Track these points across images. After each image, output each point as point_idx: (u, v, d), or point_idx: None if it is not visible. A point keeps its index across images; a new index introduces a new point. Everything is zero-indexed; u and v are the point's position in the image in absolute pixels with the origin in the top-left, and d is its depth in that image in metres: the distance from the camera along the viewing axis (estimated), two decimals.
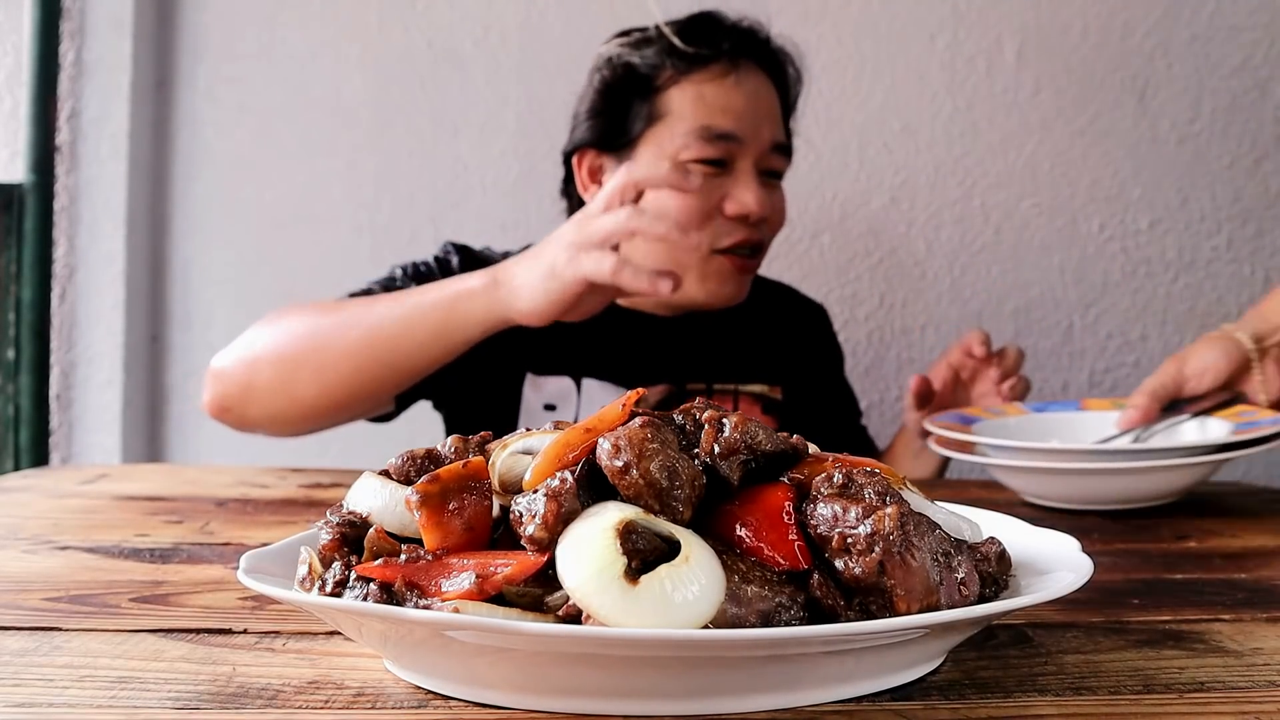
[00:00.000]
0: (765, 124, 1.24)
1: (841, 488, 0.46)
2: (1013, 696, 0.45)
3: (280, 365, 1.12)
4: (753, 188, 1.21)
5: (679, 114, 1.22)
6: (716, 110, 1.22)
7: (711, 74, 1.23)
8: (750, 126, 1.23)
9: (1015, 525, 0.58)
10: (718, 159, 1.21)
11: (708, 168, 1.21)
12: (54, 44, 1.72)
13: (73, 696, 0.44)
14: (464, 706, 0.44)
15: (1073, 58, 1.82)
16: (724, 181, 1.22)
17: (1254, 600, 0.63)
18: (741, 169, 1.22)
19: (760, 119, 1.24)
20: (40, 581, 0.65)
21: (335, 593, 0.46)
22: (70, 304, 1.75)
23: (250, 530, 0.83)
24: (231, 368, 1.15)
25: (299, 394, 1.13)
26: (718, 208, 1.22)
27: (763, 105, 1.25)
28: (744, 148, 1.22)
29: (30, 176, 1.71)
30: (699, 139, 1.21)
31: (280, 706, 0.44)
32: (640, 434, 0.45)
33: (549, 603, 0.43)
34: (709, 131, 1.21)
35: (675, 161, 1.22)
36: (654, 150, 1.23)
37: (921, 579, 0.43)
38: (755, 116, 1.24)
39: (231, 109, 1.81)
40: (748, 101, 1.24)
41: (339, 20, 1.81)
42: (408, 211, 1.81)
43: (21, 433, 1.72)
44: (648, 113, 1.24)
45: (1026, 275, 1.84)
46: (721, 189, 1.22)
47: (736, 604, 0.42)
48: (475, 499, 0.47)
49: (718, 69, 1.23)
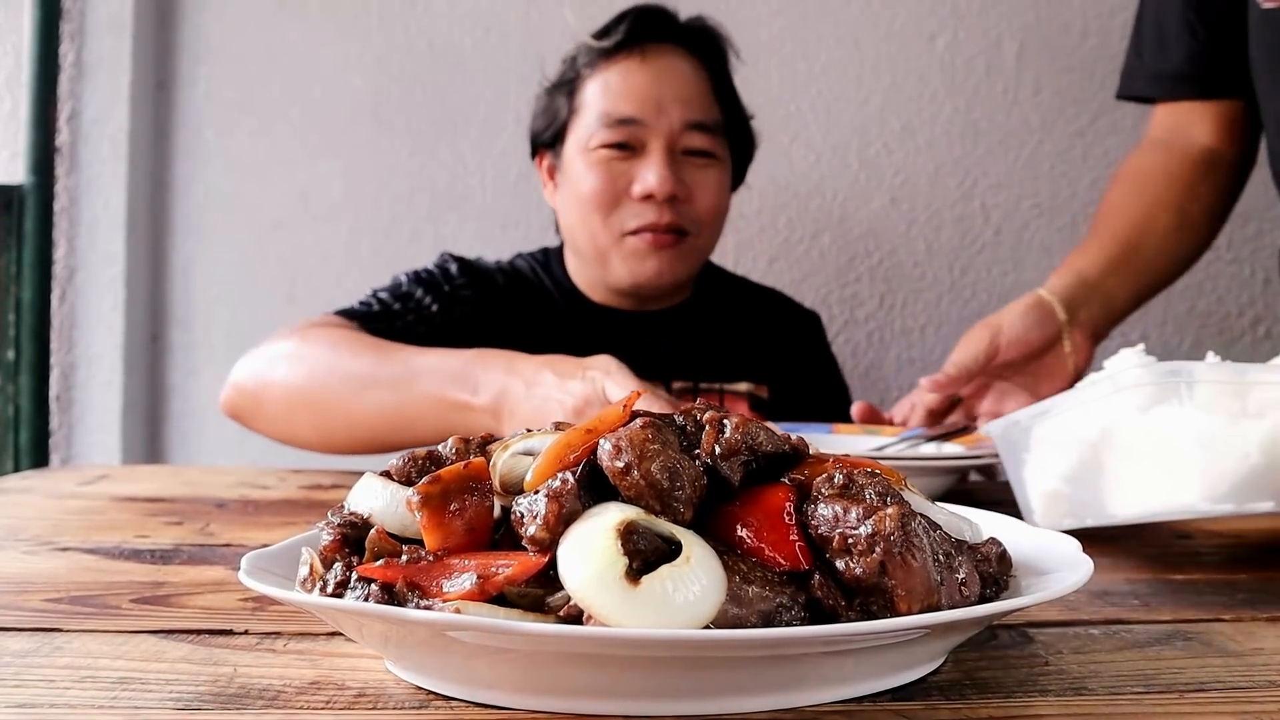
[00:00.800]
0: (674, 104, 1.26)
1: (842, 488, 0.46)
2: (1013, 697, 0.45)
3: (286, 401, 1.15)
4: (655, 167, 1.24)
5: (589, 104, 1.28)
6: (618, 96, 1.26)
7: (617, 62, 1.27)
8: (654, 108, 1.25)
9: (1016, 526, 0.58)
10: (623, 143, 1.25)
11: (616, 151, 1.25)
12: (54, 44, 1.72)
13: (74, 697, 0.44)
14: (465, 707, 0.44)
15: (1073, 58, 1.82)
16: (633, 164, 1.25)
17: (1254, 600, 0.63)
18: (651, 149, 1.25)
19: (668, 99, 1.26)
20: (41, 582, 0.65)
21: (336, 593, 0.46)
22: (70, 305, 1.75)
23: (251, 531, 0.83)
24: (247, 383, 1.18)
25: (299, 434, 1.17)
26: (625, 191, 1.25)
27: (673, 84, 1.27)
28: (649, 129, 1.25)
29: (30, 177, 1.71)
30: (603, 125, 1.25)
31: (281, 707, 0.44)
32: (641, 435, 0.45)
33: (550, 603, 0.43)
34: (610, 117, 1.25)
35: (585, 149, 1.27)
36: (574, 141, 1.29)
37: (922, 579, 0.43)
38: (660, 97, 1.26)
39: (231, 109, 1.81)
40: (652, 83, 1.26)
41: (339, 20, 1.81)
42: (408, 211, 1.81)
43: (21, 433, 1.72)
44: (569, 106, 1.30)
45: (1026, 275, 1.84)
46: (629, 172, 1.25)
47: (737, 604, 0.42)
48: (476, 500, 0.47)
49: (623, 56, 1.27)
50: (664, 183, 1.23)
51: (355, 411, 1.11)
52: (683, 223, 1.27)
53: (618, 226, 1.26)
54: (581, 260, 1.35)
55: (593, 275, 1.35)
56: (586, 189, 1.26)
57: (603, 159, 1.26)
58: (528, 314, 1.35)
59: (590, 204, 1.26)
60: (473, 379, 1.03)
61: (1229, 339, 1.85)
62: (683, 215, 1.26)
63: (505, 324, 1.30)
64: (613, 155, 1.26)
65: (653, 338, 1.35)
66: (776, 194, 1.82)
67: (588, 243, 1.30)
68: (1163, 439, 0.67)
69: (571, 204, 1.30)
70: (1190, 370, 0.68)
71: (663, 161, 1.24)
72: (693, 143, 1.27)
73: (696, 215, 1.28)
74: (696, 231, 1.29)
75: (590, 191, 1.26)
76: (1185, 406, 0.67)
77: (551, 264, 1.41)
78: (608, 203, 1.26)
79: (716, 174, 1.30)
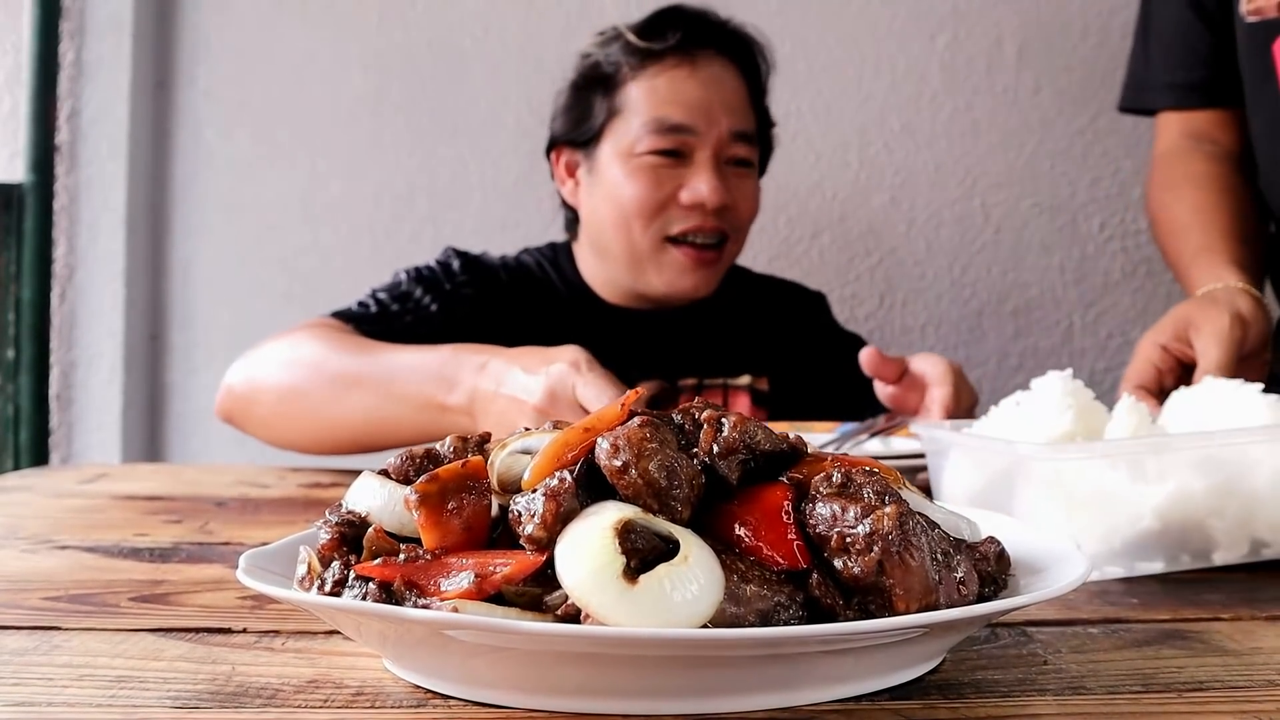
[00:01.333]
0: (723, 113, 1.26)
1: (840, 487, 0.46)
2: (1011, 696, 0.45)
3: (273, 405, 1.16)
4: (707, 176, 1.24)
5: (634, 108, 1.26)
6: (669, 102, 1.25)
7: (666, 66, 1.26)
8: (704, 117, 1.25)
9: (1014, 525, 0.58)
10: (672, 150, 1.24)
11: (663, 159, 1.24)
12: (54, 44, 1.72)
13: (72, 695, 0.44)
14: (463, 706, 0.44)
15: (1073, 58, 1.82)
16: (681, 172, 1.25)
17: (1254, 600, 0.63)
18: (699, 159, 1.25)
19: (717, 108, 1.26)
20: (40, 581, 0.65)
21: (334, 592, 0.46)
22: (70, 304, 1.75)
23: (250, 530, 0.83)
24: (239, 387, 1.19)
25: (286, 436, 1.18)
26: (673, 197, 1.25)
27: (721, 94, 1.27)
28: (700, 138, 1.25)
29: (30, 176, 1.71)
30: (651, 131, 1.24)
31: (279, 705, 0.44)
32: (639, 434, 0.45)
33: (548, 602, 0.43)
34: (661, 124, 1.24)
35: (630, 154, 1.25)
36: (613, 144, 1.27)
37: (920, 578, 0.43)
38: (711, 106, 1.25)
39: (231, 109, 1.81)
40: (703, 91, 1.25)
41: (339, 20, 1.81)
42: (408, 211, 1.81)
43: (21, 433, 1.72)
44: (608, 108, 1.28)
45: (1026, 275, 1.84)
46: (678, 179, 1.25)
47: (735, 603, 0.42)
48: (474, 498, 0.47)
49: (672, 61, 1.26)
50: (715, 192, 1.23)
51: (337, 414, 1.11)
52: (726, 229, 1.27)
53: (660, 232, 1.26)
54: (606, 262, 1.33)
55: (615, 277, 1.34)
56: (630, 194, 1.25)
57: (649, 165, 1.24)
58: (532, 311, 1.34)
59: (633, 210, 1.25)
60: (448, 378, 1.03)
61: None
62: (727, 222, 1.27)
63: (508, 322, 1.29)
64: (660, 162, 1.25)
65: (661, 337, 1.35)
66: (777, 194, 1.82)
67: (624, 248, 1.28)
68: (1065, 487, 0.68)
69: (606, 207, 1.29)
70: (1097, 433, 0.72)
71: (714, 171, 1.24)
72: (737, 152, 1.28)
73: (738, 222, 1.30)
74: (734, 239, 1.30)
75: (634, 198, 1.24)
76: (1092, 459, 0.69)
77: (560, 260, 1.40)
78: (654, 209, 1.25)
79: (753, 182, 1.32)
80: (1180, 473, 0.68)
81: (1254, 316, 1.02)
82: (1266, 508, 0.70)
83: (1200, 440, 0.71)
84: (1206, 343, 0.97)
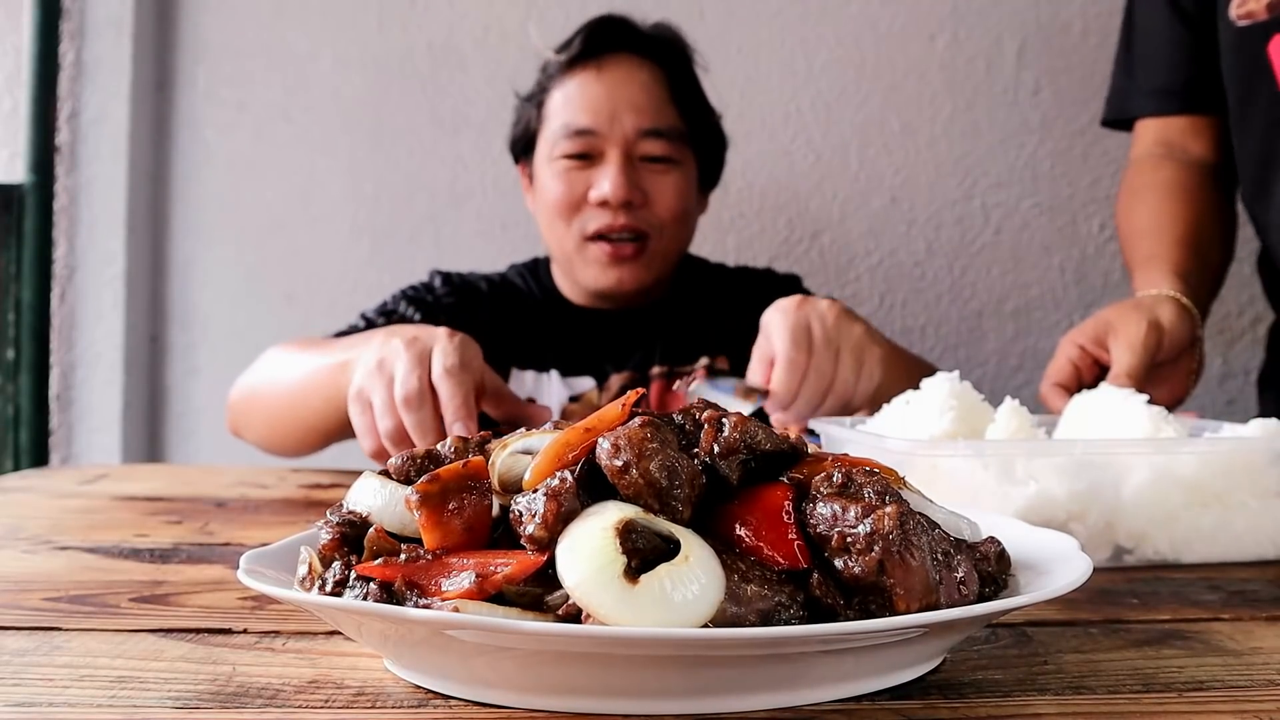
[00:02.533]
0: (628, 112, 1.30)
1: (841, 487, 0.46)
2: (1012, 696, 0.45)
3: (249, 408, 1.24)
4: (611, 175, 1.28)
5: (553, 115, 1.33)
6: (576, 107, 1.31)
7: (575, 74, 1.32)
8: (607, 118, 1.30)
9: (1015, 525, 0.58)
10: (582, 153, 1.30)
11: (575, 161, 1.30)
12: (54, 44, 1.72)
13: (73, 696, 0.44)
14: (464, 706, 0.44)
15: (1073, 58, 1.82)
16: (591, 172, 1.30)
17: (1254, 600, 0.63)
18: (609, 159, 1.29)
19: (622, 108, 1.30)
20: (40, 581, 0.65)
21: (335, 592, 0.46)
22: (70, 304, 1.75)
23: (250, 530, 0.83)
24: (234, 400, 1.27)
25: (255, 435, 1.26)
26: (584, 197, 1.30)
27: (629, 93, 1.31)
28: (604, 139, 1.30)
29: (30, 177, 1.71)
30: (563, 136, 1.31)
31: (280, 706, 0.44)
32: (640, 434, 0.45)
33: (549, 602, 0.43)
34: (568, 129, 1.31)
35: (550, 159, 1.32)
36: (541, 150, 1.35)
37: (921, 578, 0.43)
38: (615, 107, 1.30)
39: (231, 109, 1.81)
40: (607, 95, 1.30)
41: (339, 20, 1.81)
42: (408, 211, 1.81)
43: (21, 433, 1.72)
44: (538, 118, 1.36)
45: (1026, 275, 1.84)
46: (588, 179, 1.30)
47: (736, 603, 0.42)
48: (475, 498, 0.47)
49: (580, 68, 1.32)
50: (618, 189, 1.28)
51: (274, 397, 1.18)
52: (641, 226, 1.31)
53: (579, 231, 1.32)
54: (557, 264, 1.41)
55: (567, 278, 1.41)
56: (551, 197, 1.32)
57: (564, 168, 1.31)
58: (509, 318, 1.40)
59: (554, 211, 1.32)
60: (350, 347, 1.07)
61: (1229, 339, 1.85)
62: (641, 219, 1.31)
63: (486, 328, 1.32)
64: (573, 165, 1.31)
65: (632, 332, 1.39)
66: (777, 194, 1.82)
67: (556, 248, 1.37)
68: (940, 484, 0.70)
69: (541, 210, 1.37)
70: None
71: (618, 169, 1.28)
72: (650, 149, 1.31)
73: (656, 219, 1.32)
74: (657, 235, 1.33)
75: (553, 199, 1.32)
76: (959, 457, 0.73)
77: (539, 271, 1.46)
78: (569, 209, 1.31)
79: (676, 179, 1.34)
80: (1045, 476, 0.71)
81: (1173, 324, 1.03)
82: (1128, 516, 0.72)
83: (1063, 446, 0.74)
84: (1120, 349, 0.99)
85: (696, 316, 1.42)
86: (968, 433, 0.78)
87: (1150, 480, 0.72)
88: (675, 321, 1.41)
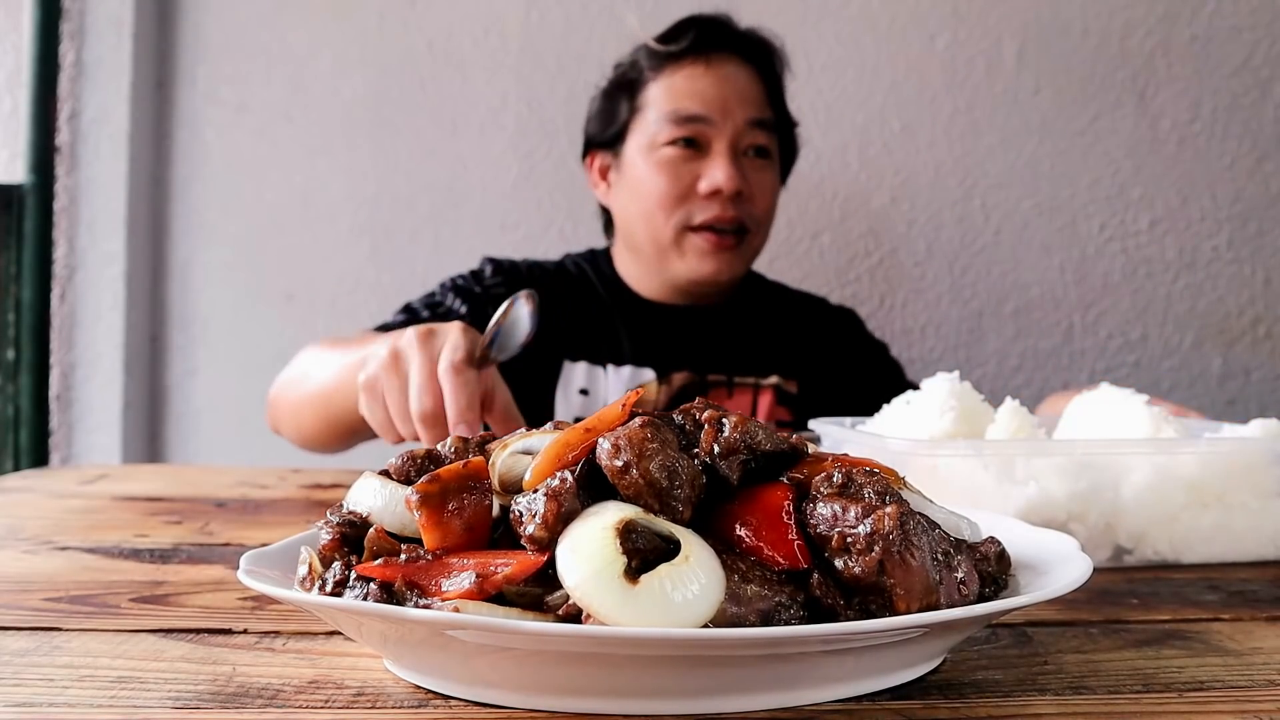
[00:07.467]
0: (738, 104, 1.32)
1: (841, 487, 0.46)
2: (1012, 696, 0.45)
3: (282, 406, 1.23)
4: (724, 165, 1.29)
5: (654, 104, 1.33)
6: (684, 96, 1.31)
7: (683, 66, 1.33)
8: (719, 107, 1.31)
9: (1015, 525, 0.58)
10: (689, 138, 1.31)
11: (682, 150, 1.30)
12: (54, 44, 1.72)
13: (73, 696, 0.44)
14: (464, 706, 0.44)
15: (1073, 58, 1.82)
16: (699, 163, 1.31)
17: (1254, 600, 0.63)
18: (717, 149, 1.31)
19: (732, 100, 1.32)
20: (40, 582, 0.65)
21: (335, 592, 0.46)
22: (70, 304, 1.75)
23: (250, 530, 0.83)
24: (271, 398, 1.27)
25: (289, 433, 1.25)
26: (691, 188, 1.30)
27: (736, 87, 1.32)
28: (715, 128, 1.31)
29: (30, 177, 1.71)
30: (669, 122, 1.31)
31: (280, 706, 0.44)
32: (640, 434, 0.45)
33: (549, 602, 0.43)
34: (677, 115, 1.31)
35: (650, 147, 1.32)
36: (636, 140, 1.34)
37: (921, 578, 0.43)
38: (725, 98, 1.31)
39: (231, 109, 1.81)
40: (717, 85, 1.32)
41: (339, 20, 1.81)
42: (408, 211, 1.81)
43: (21, 433, 1.72)
44: (631, 107, 1.35)
45: (1026, 275, 1.84)
46: (696, 170, 1.31)
47: (736, 603, 0.42)
48: (475, 499, 0.47)
49: (689, 61, 1.33)
50: (731, 179, 1.28)
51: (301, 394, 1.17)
52: (745, 219, 1.32)
53: (682, 222, 1.31)
54: (638, 257, 1.39)
55: (648, 271, 1.39)
56: (651, 186, 1.31)
57: (668, 157, 1.31)
58: (570, 307, 1.39)
59: (654, 201, 1.32)
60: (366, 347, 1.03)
61: (1229, 339, 1.85)
62: (745, 212, 1.32)
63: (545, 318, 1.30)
64: (678, 153, 1.31)
65: (696, 332, 1.40)
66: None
67: (649, 239, 1.34)
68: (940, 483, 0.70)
69: (632, 201, 1.35)
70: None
71: (729, 159, 1.29)
72: (754, 140, 1.32)
73: (755, 213, 1.34)
74: (755, 230, 1.34)
75: (655, 189, 1.31)
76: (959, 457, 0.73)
77: (599, 262, 1.46)
78: (674, 199, 1.31)
79: (771, 175, 1.36)
80: (1045, 476, 0.72)
81: None
82: (1128, 516, 0.72)
83: (1063, 446, 0.74)
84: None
85: (758, 328, 1.43)
86: (968, 433, 0.78)
87: (1150, 480, 0.72)
88: (737, 328, 1.42)
